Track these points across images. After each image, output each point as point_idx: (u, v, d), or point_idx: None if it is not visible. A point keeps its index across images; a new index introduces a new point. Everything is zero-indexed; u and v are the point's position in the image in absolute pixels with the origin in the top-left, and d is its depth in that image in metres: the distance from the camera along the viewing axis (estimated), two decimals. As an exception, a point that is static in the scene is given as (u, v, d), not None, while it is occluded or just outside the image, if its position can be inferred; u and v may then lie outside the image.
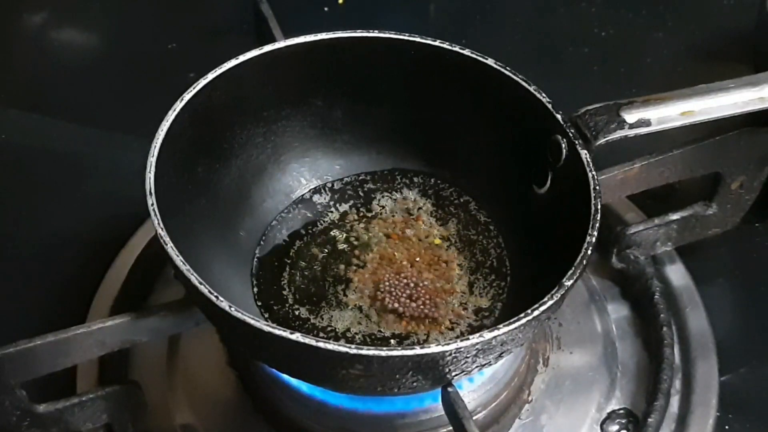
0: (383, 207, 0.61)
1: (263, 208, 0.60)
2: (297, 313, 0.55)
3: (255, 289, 0.56)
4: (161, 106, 0.52)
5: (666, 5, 0.90)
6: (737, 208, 0.63)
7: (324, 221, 0.60)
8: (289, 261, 0.58)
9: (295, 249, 0.58)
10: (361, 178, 0.63)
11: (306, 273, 0.57)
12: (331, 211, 0.61)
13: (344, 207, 0.61)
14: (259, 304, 0.55)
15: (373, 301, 0.55)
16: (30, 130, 0.79)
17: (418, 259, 0.57)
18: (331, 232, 0.59)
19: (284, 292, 0.56)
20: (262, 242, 0.59)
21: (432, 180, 0.62)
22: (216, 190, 0.56)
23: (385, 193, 0.62)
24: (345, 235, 0.59)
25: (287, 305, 0.55)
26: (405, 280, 0.56)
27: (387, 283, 0.55)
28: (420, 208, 0.61)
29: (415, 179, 0.62)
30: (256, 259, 0.58)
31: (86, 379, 0.57)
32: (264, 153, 0.60)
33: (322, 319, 0.54)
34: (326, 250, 0.58)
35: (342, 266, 0.57)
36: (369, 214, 0.60)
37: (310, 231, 0.59)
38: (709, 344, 0.60)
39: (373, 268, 0.57)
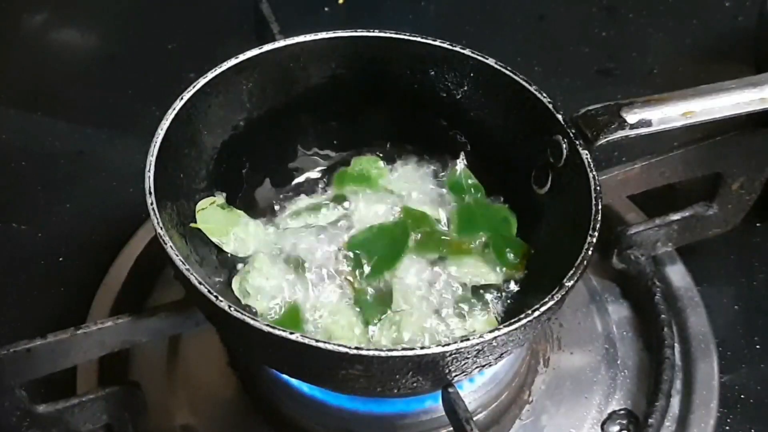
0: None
1: (263, 207, 0.60)
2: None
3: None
4: (161, 106, 0.52)
5: (666, 5, 0.90)
6: (738, 209, 0.63)
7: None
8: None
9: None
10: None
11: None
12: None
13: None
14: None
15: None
16: (30, 130, 0.79)
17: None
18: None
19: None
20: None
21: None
22: (216, 188, 0.56)
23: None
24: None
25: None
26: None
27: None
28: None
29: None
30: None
31: (86, 379, 0.57)
32: (264, 151, 0.60)
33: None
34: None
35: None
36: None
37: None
38: (710, 344, 0.60)
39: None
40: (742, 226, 0.64)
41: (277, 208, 0.59)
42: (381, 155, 0.61)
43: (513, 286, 0.55)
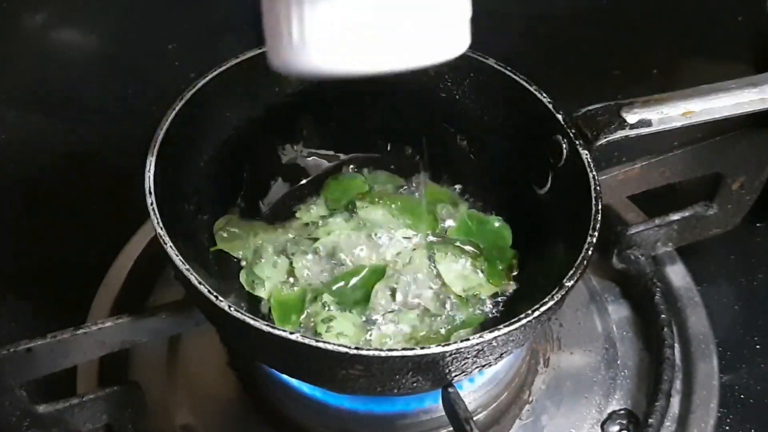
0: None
1: (263, 207, 0.60)
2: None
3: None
4: (161, 106, 0.52)
5: (666, 5, 0.90)
6: (738, 209, 0.63)
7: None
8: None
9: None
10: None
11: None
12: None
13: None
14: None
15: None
16: (30, 130, 0.78)
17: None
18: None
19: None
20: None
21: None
22: (216, 188, 0.56)
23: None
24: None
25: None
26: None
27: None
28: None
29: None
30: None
31: (86, 379, 0.57)
32: (264, 151, 0.60)
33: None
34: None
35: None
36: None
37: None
38: (710, 344, 0.60)
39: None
40: (742, 226, 0.64)
41: (275, 203, 0.60)
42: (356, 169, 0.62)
43: (512, 287, 0.55)
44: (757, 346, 0.62)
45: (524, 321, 0.43)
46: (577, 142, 0.51)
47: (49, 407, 0.50)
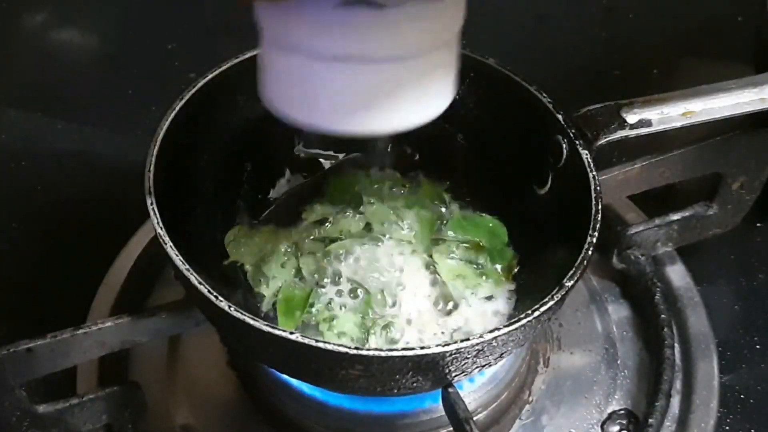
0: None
1: (264, 207, 0.60)
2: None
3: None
4: (161, 106, 0.52)
5: (666, 5, 0.90)
6: (738, 209, 0.63)
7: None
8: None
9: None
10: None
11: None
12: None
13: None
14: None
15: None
16: (30, 130, 0.79)
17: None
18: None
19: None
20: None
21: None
22: (216, 188, 0.56)
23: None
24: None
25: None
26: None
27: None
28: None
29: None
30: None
31: (86, 379, 0.57)
32: (265, 152, 0.60)
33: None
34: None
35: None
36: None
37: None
38: (710, 344, 0.60)
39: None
40: (742, 226, 0.64)
41: (277, 203, 0.60)
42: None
43: (512, 288, 0.55)
44: (757, 346, 0.62)
45: (524, 321, 0.43)
46: (577, 142, 0.51)
47: (49, 407, 0.50)
